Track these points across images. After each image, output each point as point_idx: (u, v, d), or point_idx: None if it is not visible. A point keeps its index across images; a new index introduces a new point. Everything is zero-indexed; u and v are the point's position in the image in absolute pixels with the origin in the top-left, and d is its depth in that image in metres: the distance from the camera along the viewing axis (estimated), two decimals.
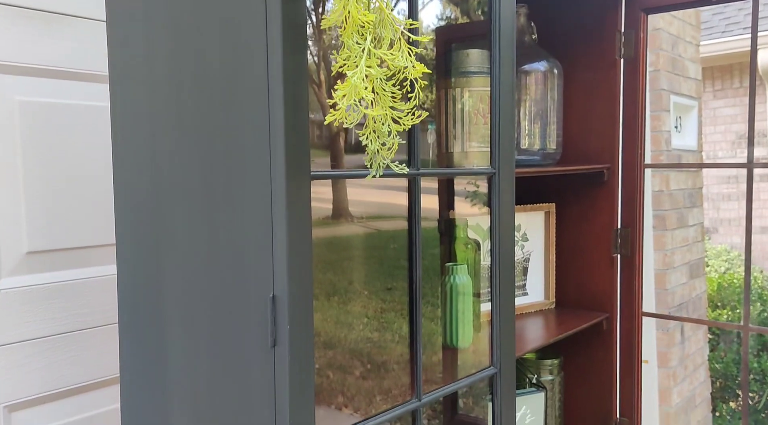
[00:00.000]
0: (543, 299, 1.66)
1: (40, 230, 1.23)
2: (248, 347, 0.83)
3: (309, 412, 0.82)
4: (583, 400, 1.62)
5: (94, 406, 1.32)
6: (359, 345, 1.36)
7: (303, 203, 0.80)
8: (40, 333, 1.24)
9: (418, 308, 1.00)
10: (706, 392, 3.87)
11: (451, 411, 1.93)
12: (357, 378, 1.56)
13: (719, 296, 4.05)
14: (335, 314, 1.24)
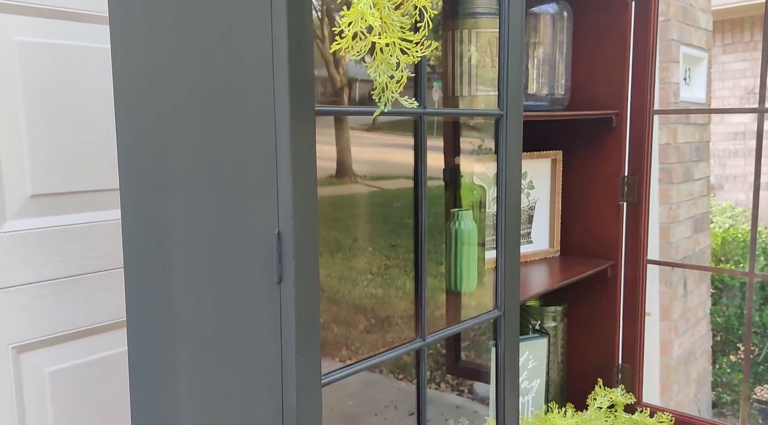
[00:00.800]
0: (548, 247, 1.66)
1: (43, 174, 1.22)
2: (254, 284, 0.83)
3: (315, 347, 0.82)
4: (586, 347, 1.64)
5: (103, 349, 1.34)
6: (363, 301, 1.37)
7: (307, 139, 0.79)
8: (47, 275, 1.24)
9: (424, 248, 1.00)
10: (707, 345, 3.91)
11: (454, 360, 1.95)
12: (361, 332, 1.58)
13: (723, 251, 4.05)
14: (339, 271, 1.25)
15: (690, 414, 1.64)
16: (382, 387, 1.79)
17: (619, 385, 1.62)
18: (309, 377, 0.82)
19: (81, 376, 1.31)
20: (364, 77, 0.83)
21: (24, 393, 1.23)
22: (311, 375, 0.82)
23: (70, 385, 1.29)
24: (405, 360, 1.78)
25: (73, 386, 1.30)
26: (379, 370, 1.88)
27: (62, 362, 1.28)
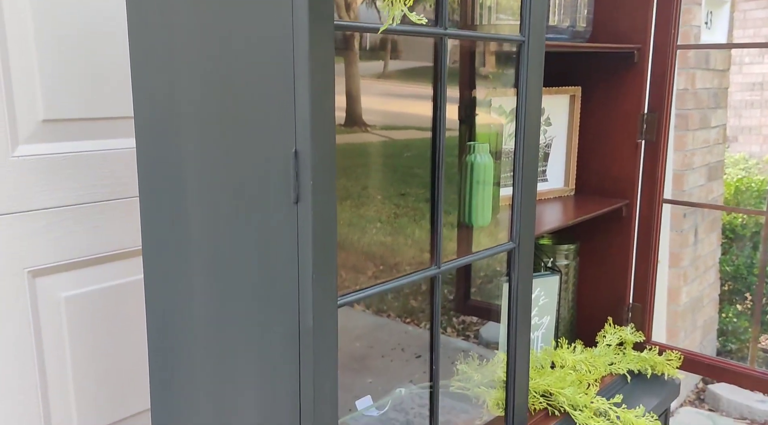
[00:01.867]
0: (563, 185, 1.64)
1: (55, 98, 1.21)
2: (271, 204, 0.82)
3: (331, 268, 0.82)
4: (597, 285, 1.64)
5: (117, 276, 1.35)
6: (372, 248, 1.37)
7: (326, 55, 0.77)
8: (60, 201, 1.24)
9: (441, 174, 0.99)
10: (715, 293, 3.92)
11: (463, 299, 1.96)
12: (369, 277, 1.58)
13: (735, 200, 4.02)
14: (348, 218, 1.24)
15: (699, 352, 1.65)
16: (389, 331, 1.80)
17: (629, 324, 1.63)
18: (325, 297, 0.82)
19: (97, 302, 1.32)
20: (375, 23, 0.81)
21: (40, 317, 1.24)
22: (327, 295, 0.82)
23: (86, 311, 1.31)
24: (412, 304, 1.79)
25: (88, 312, 1.31)
26: (387, 314, 1.89)
27: (78, 288, 1.29)
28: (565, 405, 1.35)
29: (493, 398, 1.32)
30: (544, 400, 1.38)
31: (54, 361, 1.28)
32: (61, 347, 1.28)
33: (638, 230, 1.57)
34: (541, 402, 1.37)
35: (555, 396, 1.37)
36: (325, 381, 0.83)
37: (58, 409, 1.30)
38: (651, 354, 1.58)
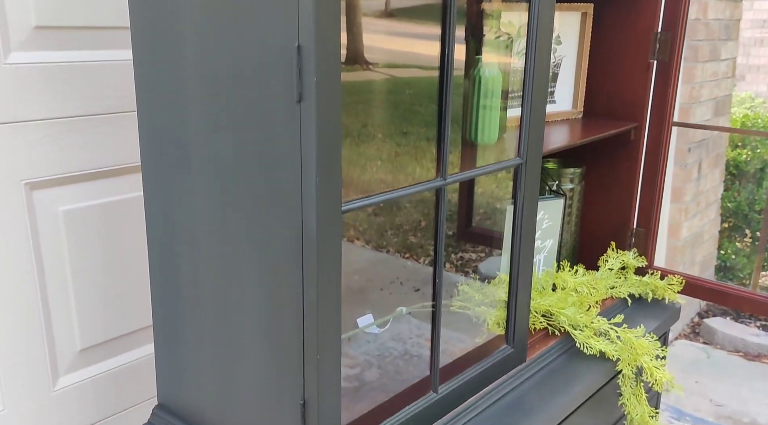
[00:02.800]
0: (570, 108, 1.61)
1: (48, 4, 1.16)
2: (272, 103, 0.79)
3: (336, 170, 0.79)
4: (602, 210, 1.62)
5: (116, 192, 1.33)
6: (372, 186, 1.36)
7: None
8: (56, 113, 1.21)
9: (449, 81, 0.95)
10: (715, 230, 3.92)
11: (465, 226, 1.95)
12: (369, 214, 1.56)
13: (740, 137, 3.98)
14: (347, 155, 1.21)
15: (700, 277, 1.65)
16: (388, 265, 1.80)
17: (631, 249, 1.62)
18: (329, 202, 0.80)
19: (96, 218, 1.31)
20: None
21: (39, 231, 1.23)
22: (331, 200, 0.80)
23: (85, 226, 1.29)
24: (411, 240, 1.78)
25: (88, 227, 1.30)
26: (386, 250, 1.89)
27: (76, 202, 1.28)
28: (566, 324, 1.36)
29: (493, 317, 1.33)
30: (544, 320, 1.38)
31: (54, 275, 1.27)
32: (60, 261, 1.27)
33: (646, 154, 1.55)
34: (542, 321, 1.38)
35: (555, 316, 1.37)
36: (329, 286, 0.82)
37: (59, 322, 1.30)
38: (653, 278, 1.58)
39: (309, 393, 0.86)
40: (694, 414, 2.80)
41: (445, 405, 1.09)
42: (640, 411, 1.35)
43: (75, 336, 1.34)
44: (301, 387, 0.87)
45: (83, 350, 1.36)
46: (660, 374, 1.30)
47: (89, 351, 1.37)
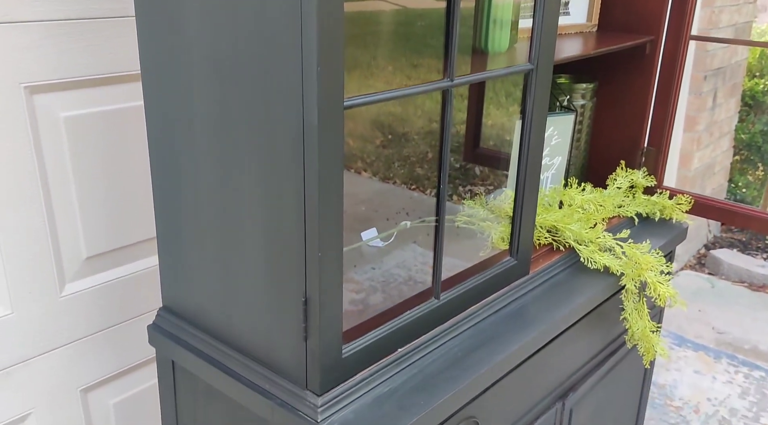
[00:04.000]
0: (585, 21, 1.55)
1: None
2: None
3: (337, 63, 0.77)
4: (613, 127, 1.59)
5: (118, 100, 1.31)
6: (381, 118, 1.32)
7: None
8: (53, 15, 1.17)
9: None
10: (727, 161, 3.87)
11: (472, 147, 1.92)
12: (377, 146, 1.53)
13: (759, 66, 3.87)
14: (357, 88, 1.19)
15: (710, 196, 1.63)
16: (394, 196, 1.78)
17: (641, 168, 1.59)
18: (331, 95, 0.77)
19: (98, 125, 1.29)
20: None
21: (41, 136, 1.22)
22: (333, 91, 0.78)
23: (87, 133, 1.28)
24: (418, 172, 1.75)
25: (89, 134, 1.28)
26: (393, 181, 1.87)
27: (77, 109, 1.25)
28: (570, 240, 1.35)
29: (498, 232, 1.32)
30: (549, 235, 1.37)
31: (57, 181, 1.26)
32: (63, 168, 1.26)
33: (660, 69, 1.50)
34: (547, 237, 1.37)
35: (561, 231, 1.36)
36: (330, 182, 0.81)
37: (64, 229, 1.31)
38: (661, 198, 1.56)
39: (311, 291, 0.86)
40: (696, 340, 2.83)
41: (446, 311, 1.09)
42: (642, 325, 1.35)
43: (80, 244, 1.34)
44: (302, 285, 0.87)
45: (89, 258, 1.37)
46: (664, 289, 1.30)
47: (95, 260, 1.38)
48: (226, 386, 0.99)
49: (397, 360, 1.01)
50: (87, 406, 1.45)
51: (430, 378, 0.99)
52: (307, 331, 0.89)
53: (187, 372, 1.08)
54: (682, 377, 2.57)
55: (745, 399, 2.44)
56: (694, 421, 2.33)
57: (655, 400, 2.42)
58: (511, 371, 1.13)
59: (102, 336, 1.43)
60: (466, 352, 1.06)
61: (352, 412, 0.91)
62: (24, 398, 1.33)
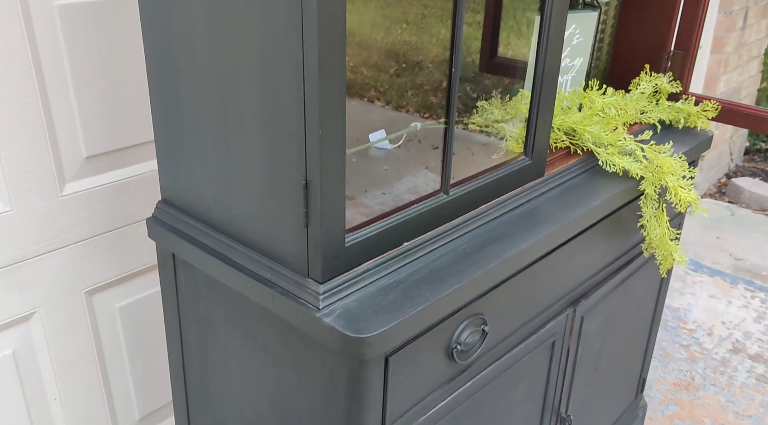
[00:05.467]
0: None
1: None
2: None
3: None
4: (638, 28, 1.49)
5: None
6: (395, 47, 1.27)
7: None
8: None
9: None
10: (754, 87, 3.73)
11: (488, 58, 1.83)
12: (391, 76, 1.46)
13: None
14: (372, 18, 1.14)
15: (737, 102, 1.55)
16: (407, 125, 1.72)
17: (667, 73, 1.51)
18: None
19: (93, 14, 1.23)
20: None
21: (34, 26, 1.16)
22: None
23: (83, 23, 1.22)
24: (432, 100, 1.68)
25: (85, 24, 1.22)
26: (406, 109, 1.80)
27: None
28: (589, 143, 1.29)
29: (513, 135, 1.26)
30: (567, 138, 1.31)
31: (53, 75, 1.21)
32: (59, 61, 1.21)
33: None
34: (564, 140, 1.31)
35: (579, 134, 1.30)
36: (331, 50, 0.75)
37: (62, 126, 1.26)
38: (686, 104, 1.48)
39: (311, 174, 0.82)
40: (712, 266, 2.78)
41: (456, 208, 1.05)
42: (660, 233, 1.30)
43: (80, 142, 1.30)
44: (302, 167, 0.82)
45: (89, 157, 1.33)
46: (685, 194, 1.25)
47: (95, 160, 1.34)
48: (227, 276, 0.96)
49: (403, 254, 0.97)
50: (92, 309, 1.44)
51: (437, 272, 0.95)
52: (308, 217, 0.84)
53: (188, 265, 1.05)
54: (696, 301, 2.53)
55: (760, 323, 2.41)
56: (707, 343, 2.30)
57: (668, 323, 2.40)
58: (521, 270, 1.09)
59: (104, 239, 1.40)
60: (475, 249, 1.02)
61: (355, 301, 0.88)
62: (28, 297, 1.32)
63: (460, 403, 1.07)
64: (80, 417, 1.48)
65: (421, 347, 0.94)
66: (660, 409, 2.01)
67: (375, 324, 0.84)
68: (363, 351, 0.83)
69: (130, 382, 1.56)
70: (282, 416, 1.00)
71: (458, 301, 0.95)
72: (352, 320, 0.84)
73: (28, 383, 1.37)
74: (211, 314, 1.05)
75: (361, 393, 0.88)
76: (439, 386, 1.01)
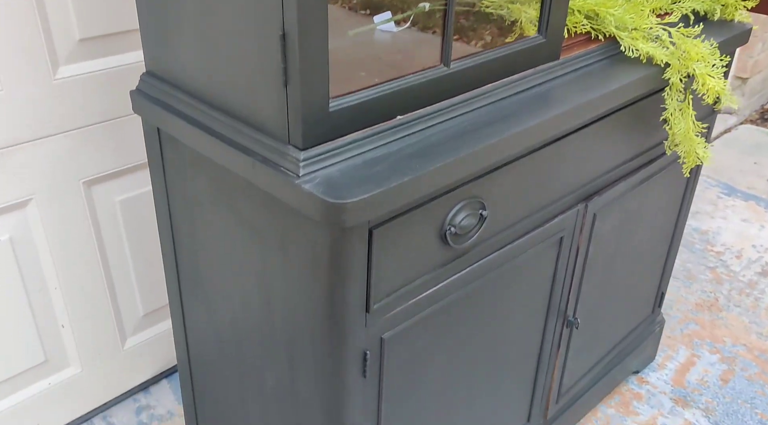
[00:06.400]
0: None
1: None
2: None
3: None
4: None
5: None
6: None
7: None
8: None
9: None
10: None
11: None
12: None
13: None
14: None
15: None
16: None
17: None
18: None
19: None
20: None
21: None
22: None
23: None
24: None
25: None
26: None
27: None
28: (611, 26, 1.18)
29: (526, 17, 1.16)
30: (587, 22, 1.20)
31: None
32: None
33: None
34: (585, 24, 1.20)
35: (601, 17, 1.19)
36: None
37: (54, 6, 1.21)
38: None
39: (288, 24, 0.75)
40: (747, 191, 2.66)
41: (458, 83, 0.97)
42: (685, 127, 1.21)
43: (72, 23, 1.25)
44: (279, 16, 0.75)
45: (82, 40, 1.28)
46: (713, 82, 1.14)
47: (89, 43, 1.29)
48: (209, 148, 0.91)
49: (396, 128, 0.90)
50: (91, 200, 1.42)
51: (432, 147, 0.89)
52: (287, 74, 0.78)
53: (173, 141, 1.01)
54: (727, 224, 2.43)
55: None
56: (735, 265, 2.21)
57: (695, 245, 2.31)
58: (526, 154, 1.02)
59: (101, 129, 1.36)
60: (476, 127, 0.95)
61: (338, 171, 0.82)
62: (23, 183, 1.30)
63: (454, 291, 1.02)
64: (82, 310, 1.48)
65: (410, 224, 0.89)
66: (679, 328, 1.95)
67: (357, 192, 0.78)
68: (343, 217, 0.77)
69: (133, 278, 1.55)
70: (268, 297, 0.97)
71: (452, 177, 0.88)
72: (333, 187, 0.79)
73: (27, 270, 1.37)
74: (198, 192, 1.01)
75: (342, 266, 0.83)
76: (431, 269, 0.96)
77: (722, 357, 1.85)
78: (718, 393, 1.73)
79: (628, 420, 1.65)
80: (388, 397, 1.01)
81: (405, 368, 1.02)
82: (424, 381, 1.07)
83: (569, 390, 1.49)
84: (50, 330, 1.44)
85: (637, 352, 1.71)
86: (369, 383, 0.97)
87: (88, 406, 1.58)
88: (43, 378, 1.48)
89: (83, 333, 1.50)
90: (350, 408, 0.96)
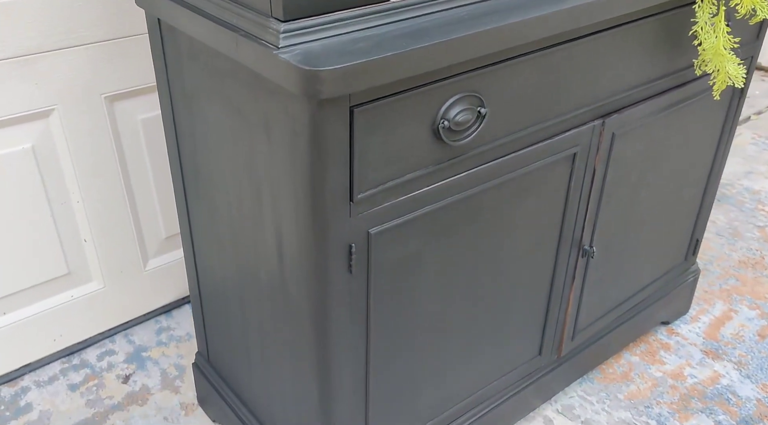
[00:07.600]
0: None
1: None
2: None
3: None
4: None
5: None
6: None
7: None
8: None
9: None
10: None
11: None
12: None
13: None
14: None
15: None
16: None
17: None
18: None
19: None
20: None
21: None
22: None
23: None
24: None
25: None
26: None
27: None
28: None
29: None
30: None
31: None
32: None
33: None
34: None
35: None
36: None
37: None
38: None
39: None
40: None
41: None
42: (716, 42, 1.13)
43: None
44: None
45: None
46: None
47: None
48: (199, 28, 0.91)
49: (388, 11, 0.87)
50: (113, 116, 1.44)
51: (424, 31, 0.85)
52: None
53: (171, 30, 1.01)
54: None
55: None
56: None
57: (746, 204, 2.18)
58: (531, 52, 0.97)
59: (122, 44, 1.38)
60: (475, 17, 0.91)
61: (320, 45, 0.80)
62: (45, 92, 1.33)
63: (450, 195, 0.99)
64: (105, 226, 1.52)
65: (399, 111, 0.86)
66: (718, 283, 1.85)
67: (335, 62, 0.76)
68: (318, 87, 0.75)
69: (155, 199, 1.57)
70: (258, 187, 0.96)
71: (441, 62, 0.85)
72: (312, 57, 0.77)
73: (50, 182, 1.40)
74: (194, 85, 1.01)
75: (322, 146, 0.81)
76: (424, 165, 0.93)
77: (762, 312, 1.74)
78: (754, 347, 1.64)
79: (652, 368, 1.58)
80: (377, 298, 0.99)
81: (396, 270, 0.99)
82: (418, 288, 1.05)
83: (587, 328, 1.44)
84: (73, 243, 1.49)
85: (666, 300, 1.63)
86: (356, 279, 0.95)
87: (110, 322, 1.63)
88: (66, 290, 1.53)
89: (106, 249, 1.53)
90: (335, 303, 0.95)
